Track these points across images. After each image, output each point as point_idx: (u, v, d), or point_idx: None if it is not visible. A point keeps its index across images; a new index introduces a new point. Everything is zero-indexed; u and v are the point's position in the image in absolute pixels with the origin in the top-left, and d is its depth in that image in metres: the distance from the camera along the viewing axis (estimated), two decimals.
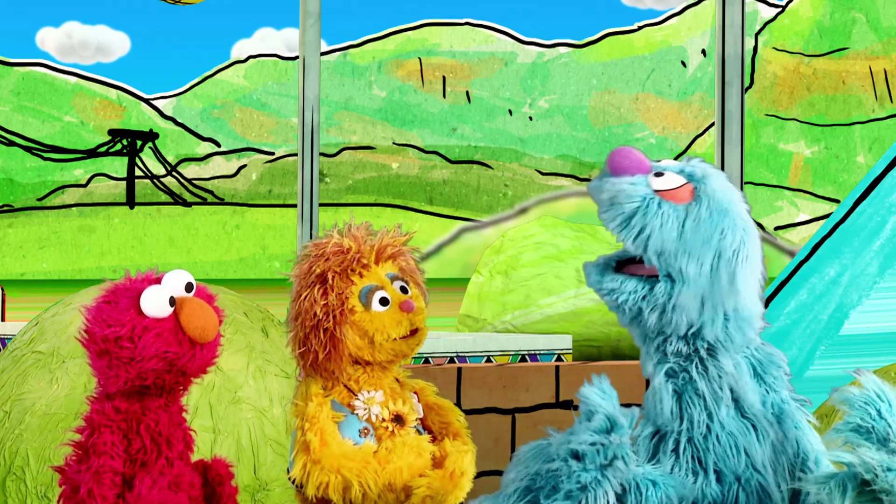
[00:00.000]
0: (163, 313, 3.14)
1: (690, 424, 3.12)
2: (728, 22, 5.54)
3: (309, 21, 6.46)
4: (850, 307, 4.56)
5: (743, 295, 3.09)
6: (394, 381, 3.26)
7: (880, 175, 4.70)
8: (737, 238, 3.07)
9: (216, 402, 4.04)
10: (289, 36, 12.55)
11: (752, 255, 3.10)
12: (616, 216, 3.11)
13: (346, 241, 3.25)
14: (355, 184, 12.59)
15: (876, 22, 13.32)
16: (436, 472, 3.14)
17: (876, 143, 13.22)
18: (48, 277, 11.91)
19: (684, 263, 3.05)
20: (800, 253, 4.74)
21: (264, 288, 11.60)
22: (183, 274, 3.23)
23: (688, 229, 3.06)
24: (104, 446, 3.16)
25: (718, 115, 5.60)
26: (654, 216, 3.06)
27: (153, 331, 3.12)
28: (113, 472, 3.14)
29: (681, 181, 3.11)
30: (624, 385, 5.98)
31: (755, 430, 3.12)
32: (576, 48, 13.08)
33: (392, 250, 3.28)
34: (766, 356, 3.18)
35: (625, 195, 3.09)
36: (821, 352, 4.51)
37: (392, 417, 3.20)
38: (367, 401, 3.20)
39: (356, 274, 3.21)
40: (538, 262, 7.62)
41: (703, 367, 3.13)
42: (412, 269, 3.30)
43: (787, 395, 3.16)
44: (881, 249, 4.60)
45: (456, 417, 3.31)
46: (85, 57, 12.14)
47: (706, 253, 3.05)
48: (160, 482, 3.16)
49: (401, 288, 3.24)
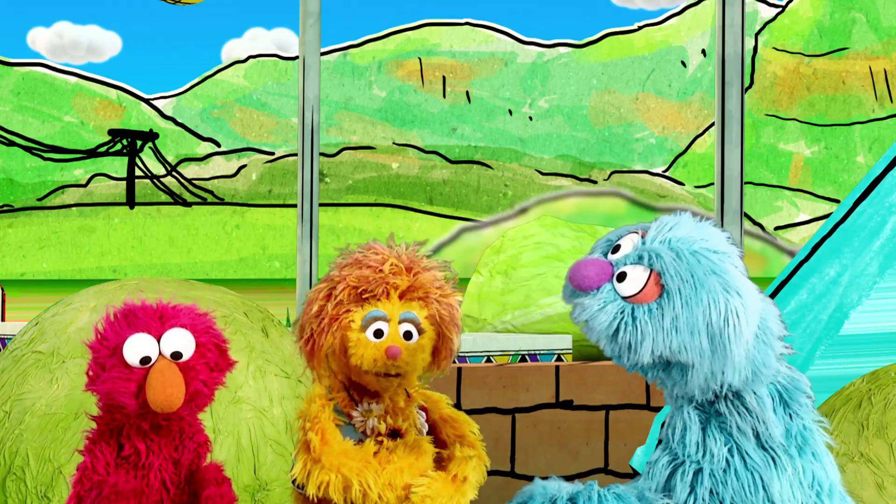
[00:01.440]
0: (134, 364, 3.16)
1: (711, 458, 3.11)
2: (728, 22, 5.54)
3: (309, 21, 6.46)
4: (850, 307, 4.55)
5: (751, 341, 3.07)
6: (400, 393, 3.25)
7: (880, 175, 4.69)
8: (721, 305, 3.00)
9: (216, 402, 4.04)
10: (280, 36, 12.55)
11: (741, 306, 3.03)
12: (600, 338, 3.09)
13: (389, 264, 3.21)
14: (355, 184, 12.59)
15: (876, 22, 13.32)
16: (438, 474, 3.14)
17: (876, 143, 13.22)
18: (48, 277, 11.91)
19: (684, 355, 3.03)
20: (800, 253, 4.73)
21: (264, 288, 11.61)
22: (182, 338, 3.20)
23: (670, 326, 3.01)
24: (92, 454, 3.22)
25: (718, 115, 5.59)
26: (634, 330, 3.03)
27: (122, 373, 3.15)
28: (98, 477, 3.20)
29: (643, 277, 3.04)
30: (624, 385, 6.00)
31: (775, 465, 3.11)
32: (576, 48, 13.08)
33: (421, 293, 3.21)
34: (791, 382, 3.16)
35: (598, 320, 3.06)
36: (821, 352, 4.51)
37: (388, 432, 3.18)
38: (365, 413, 3.19)
39: (374, 297, 3.19)
40: (538, 262, 7.62)
41: (730, 404, 3.12)
42: (445, 319, 3.21)
43: (810, 420, 3.16)
44: (881, 249, 4.60)
45: (470, 429, 3.28)
46: (76, 57, 12.14)
47: (700, 336, 3.01)
48: (133, 480, 3.20)
49: (405, 333, 3.18)
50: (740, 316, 3.01)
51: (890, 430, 3.85)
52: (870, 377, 4.03)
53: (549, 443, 5.73)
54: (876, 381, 4.00)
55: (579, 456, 5.78)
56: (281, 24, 12.53)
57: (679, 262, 3.04)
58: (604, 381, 5.96)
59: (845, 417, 3.93)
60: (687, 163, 13.14)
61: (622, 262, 3.08)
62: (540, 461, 5.62)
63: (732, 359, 3.02)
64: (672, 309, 3.00)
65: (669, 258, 3.04)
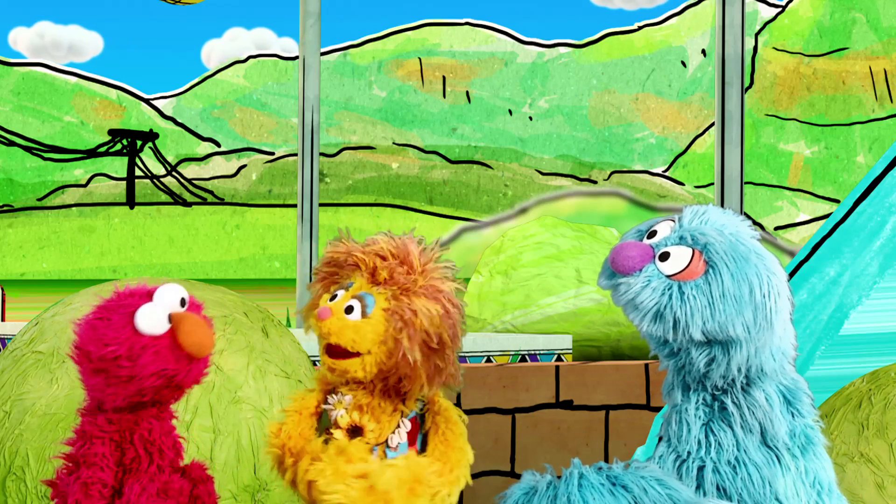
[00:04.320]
0: (159, 331, 3.10)
1: (718, 453, 3.12)
2: (728, 22, 5.54)
3: (309, 21, 6.46)
4: (850, 307, 4.55)
5: (788, 323, 3.10)
6: (368, 395, 3.13)
7: (880, 175, 4.69)
8: (765, 281, 3.05)
9: (216, 402, 4.04)
10: (259, 36, 12.54)
11: (780, 285, 3.09)
12: (645, 316, 3.07)
13: (375, 247, 3.18)
14: (355, 184, 12.60)
15: (876, 22, 13.33)
16: (357, 481, 3.07)
17: (876, 143, 13.22)
18: (48, 277, 11.91)
19: (730, 330, 3.03)
20: (800, 253, 4.73)
21: (264, 288, 11.62)
22: (176, 288, 3.17)
23: (718, 300, 3.02)
24: (95, 458, 3.13)
25: (718, 115, 5.60)
26: (681, 304, 3.03)
27: (151, 349, 3.08)
28: (102, 483, 3.12)
29: (688, 255, 3.07)
30: (624, 385, 6.00)
31: (779, 463, 3.12)
32: (576, 48, 13.08)
33: (385, 274, 3.12)
34: (793, 382, 3.18)
35: (644, 295, 3.05)
36: (821, 352, 4.51)
37: (349, 427, 3.13)
38: (337, 404, 3.16)
39: (353, 269, 3.16)
40: (538, 262, 7.62)
41: (737, 399, 3.13)
42: (406, 318, 3.06)
43: (812, 420, 3.17)
44: (881, 249, 4.60)
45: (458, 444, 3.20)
46: (57, 57, 12.13)
47: (745, 311, 3.03)
48: (149, 489, 3.14)
49: (348, 307, 3.08)
50: (781, 294, 3.07)
51: (890, 430, 3.85)
52: (870, 377, 4.04)
53: (549, 443, 5.73)
54: (876, 381, 4.00)
55: (579, 456, 5.77)
56: (262, 24, 12.54)
57: (723, 239, 3.08)
58: (604, 381, 5.96)
59: (845, 417, 3.94)
60: (687, 163, 13.14)
61: (662, 243, 3.10)
62: (540, 461, 5.62)
63: (772, 336, 3.05)
64: (720, 284, 3.03)
65: (713, 235, 3.08)
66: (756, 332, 3.04)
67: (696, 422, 3.14)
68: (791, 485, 3.12)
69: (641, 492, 2.96)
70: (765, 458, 3.12)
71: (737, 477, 3.10)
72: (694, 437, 3.13)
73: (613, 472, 3.02)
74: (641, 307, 3.06)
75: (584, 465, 3.05)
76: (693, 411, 3.14)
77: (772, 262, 3.11)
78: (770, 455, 3.12)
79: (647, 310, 3.06)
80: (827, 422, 3.91)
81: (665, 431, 3.19)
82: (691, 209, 3.17)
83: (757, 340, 3.05)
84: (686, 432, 3.14)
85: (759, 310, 3.04)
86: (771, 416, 3.12)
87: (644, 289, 3.05)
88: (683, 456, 3.14)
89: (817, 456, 3.16)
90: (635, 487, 2.97)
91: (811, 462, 3.14)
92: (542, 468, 3.11)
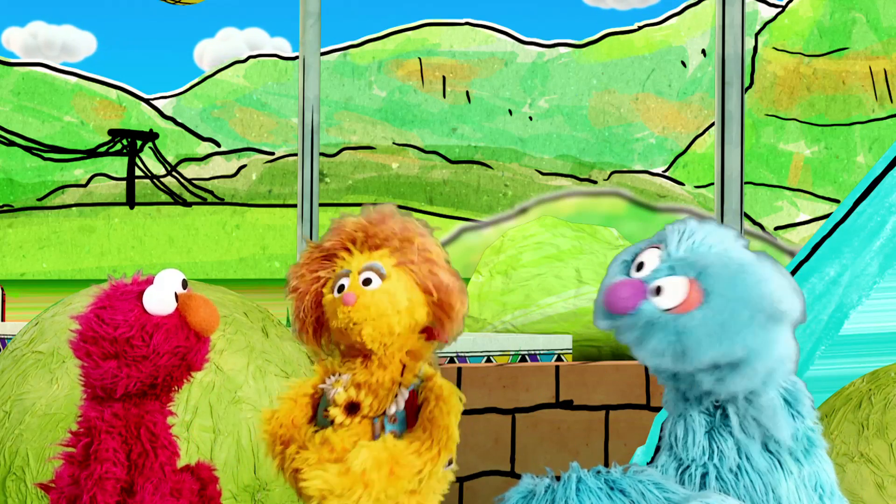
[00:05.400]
0: (167, 310, 3.17)
1: (720, 460, 3.10)
2: (728, 22, 5.54)
3: (309, 21, 6.46)
4: (850, 307, 4.55)
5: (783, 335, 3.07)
6: (368, 371, 3.13)
7: (880, 175, 4.69)
8: (765, 294, 2.99)
9: (216, 402, 4.04)
10: (252, 36, 12.53)
11: (779, 291, 3.02)
12: (651, 355, 3.01)
13: (352, 223, 3.20)
14: (355, 184, 12.59)
15: (876, 22, 13.32)
16: (334, 466, 3.05)
17: (876, 143, 13.22)
18: (48, 277, 11.91)
19: (739, 352, 3.00)
20: (800, 253, 4.73)
21: (264, 288, 11.61)
22: (176, 273, 3.26)
23: (722, 326, 2.96)
24: (107, 453, 3.14)
25: (718, 115, 5.60)
26: (687, 338, 2.96)
27: (163, 328, 3.15)
28: (115, 479, 3.13)
29: (683, 286, 2.98)
30: (624, 385, 6.00)
31: (781, 467, 3.11)
32: (576, 48, 13.08)
33: (379, 241, 3.17)
34: (793, 385, 3.16)
35: (649, 336, 2.98)
36: (821, 352, 4.51)
37: (346, 404, 3.12)
38: (335, 383, 3.16)
39: (338, 258, 3.17)
40: (538, 262, 7.62)
41: (740, 405, 3.11)
42: (415, 262, 3.15)
43: (812, 422, 3.16)
44: (881, 249, 4.59)
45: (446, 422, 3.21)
46: (50, 57, 12.13)
47: (750, 330, 2.97)
48: (162, 488, 3.15)
49: (364, 280, 3.10)
50: (782, 300, 3.01)
51: (890, 430, 3.85)
52: (870, 377, 4.04)
53: (549, 443, 5.73)
54: (876, 381, 4.00)
55: (579, 456, 5.78)
56: (254, 24, 12.54)
57: (715, 261, 3.01)
58: (604, 381, 5.96)
59: (845, 417, 3.94)
60: (687, 163, 13.14)
61: (653, 276, 3.02)
62: (540, 461, 5.62)
63: (788, 343, 3.01)
64: (721, 309, 2.97)
65: (705, 261, 3.01)
66: (764, 347, 3.01)
67: (699, 429, 3.12)
68: (794, 489, 3.10)
69: (639, 496, 2.96)
70: (767, 463, 3.10)
71: (739, 484, 3.09)
72: (697, 445, 3.11)
73: (611, 475, 3.01)
74: (647, 348, 3.01)
75: (583, 469, 3.04)
76: (694, 420, 3.12)
77: (767, 267, 3.04)
78: (772, 460, 3.10)
79: (652, 349, 3.00)
80: (827, 422, 3.91)
81: (665, 439, 3.18)
82: (674, 231, 3.08)
83: (765, 354, 3.02)
84: (689, 440, 3.12)
85: (763, 325, 3.00)
86: (776, 421, 3.10)
87: (646, 329, 2.99)
88: (687, 463, 3.12)
89: (819, 459, 3.15)
90: (633, 491, 2.97)
91: (813, 465, 3.13)
92: (542, 469, 3.11)
